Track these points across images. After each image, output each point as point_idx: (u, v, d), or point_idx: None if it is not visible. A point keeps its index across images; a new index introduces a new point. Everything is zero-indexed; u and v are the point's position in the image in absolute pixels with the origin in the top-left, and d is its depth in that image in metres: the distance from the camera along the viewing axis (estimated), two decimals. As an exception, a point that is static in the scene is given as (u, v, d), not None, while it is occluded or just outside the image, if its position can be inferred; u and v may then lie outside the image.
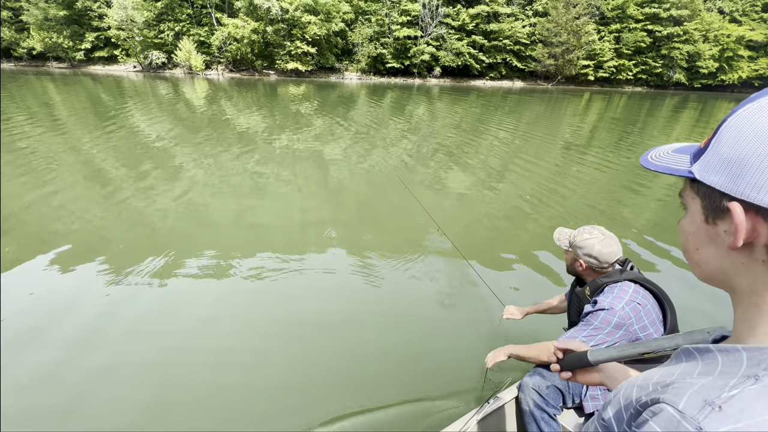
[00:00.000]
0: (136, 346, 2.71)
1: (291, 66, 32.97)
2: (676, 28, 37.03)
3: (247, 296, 3.35)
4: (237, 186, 6.08)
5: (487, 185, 6.65)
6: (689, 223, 0.49)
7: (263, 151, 8.25)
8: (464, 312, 3.21)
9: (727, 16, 41.47)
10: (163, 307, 3.18)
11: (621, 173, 7.81)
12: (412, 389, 2.42)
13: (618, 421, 0.49)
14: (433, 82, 37.46)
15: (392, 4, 35.34)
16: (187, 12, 33.53)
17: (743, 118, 0.41)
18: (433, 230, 3.80)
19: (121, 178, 6.21)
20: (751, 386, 0.36)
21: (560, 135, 12.07)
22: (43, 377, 2.42)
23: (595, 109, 20.46)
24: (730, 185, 0.41)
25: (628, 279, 1.66)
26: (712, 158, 0.43)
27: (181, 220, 4.84)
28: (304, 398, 2.36)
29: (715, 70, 39.80)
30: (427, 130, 12.00)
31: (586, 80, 39.12)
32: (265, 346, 2.77)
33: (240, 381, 2.45)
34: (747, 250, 0.42)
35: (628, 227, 5.14)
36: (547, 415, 1.81)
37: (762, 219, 0.39)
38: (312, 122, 12.21)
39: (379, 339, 2.88)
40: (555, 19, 35.49)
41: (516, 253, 4.27)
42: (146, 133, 9.64)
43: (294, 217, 5.05)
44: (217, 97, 18.34)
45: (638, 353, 0.75)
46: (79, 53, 33.25)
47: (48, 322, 2.91)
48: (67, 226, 4.52)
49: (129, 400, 2.30)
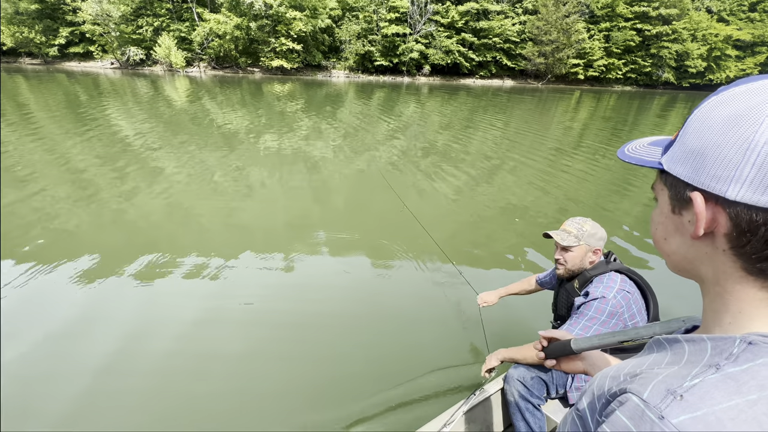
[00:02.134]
0: (116, 349, 2.74)
1: (276, 63, 32.80)
2: (665, 27, 37.89)
3: (226, 299, 3.38)
4: (220, 187, 6.10)
5: (474, 185, 6.78)
6: (658, 214, 0.51)
7: (247, 152, 8.26)
8: (446, 308, 3.33)
9: (715, 16, 42.59)
10: (145, 310, 3.20)
11: (612, 173, 8.03)
12: (395, 384, 2.51)
13: (591, 411, 0.50)
14: (422, 80, 37.70)
15: (380, 0, 35.45)
16: (167, 6, 33.12)
17: (706, 111, 0.42)
18: (419, 230, 3.92)
19: (100, 180, 6.17)
20: (711, 375, 0.38)
21: (550, 134, 12.32)
22: (36, 379, 2.44)
23: (586, 109, 20.90)
24: (692, 175, 0.43)
25: (614, 270, 1.77)
26: (679, 150, 0.45)
27: (162, 221, 4.85)
28: (288, 394, 2.42)
29: (703, 70, 40.91)
30: (416, 129, 12.13)
31: (576, 79, 39.78)
32: (246, 349, 2.82)
33: (219, 388, 2.50)
34: (709, 240, 0.43)
35: (618, 225, 5.32)
36: (531, 406, 1.90)
37: (722, 209, 0.40)
38: (298, 122, 12.23)
39: (359, 336, 2.97)
40: (545, 17, 36.03)
41: (501, 253, 4.42)
42: (125, 133, 9.54)
43: (278, 217, 5.10)
44: (199, 95, 18.19)
45: (618, 341, 0.80)
46: (52, 49, 32.54)
47: (26, 325, 2.92)
48: (45, 226, 4.49)
49: (116, 404, 2.33)
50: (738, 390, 0.36)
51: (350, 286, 3.66)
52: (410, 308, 3.34)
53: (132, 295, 3.37)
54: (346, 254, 4.21)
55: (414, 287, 3.65)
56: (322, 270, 3.92)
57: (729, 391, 0.36)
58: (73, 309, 3.14)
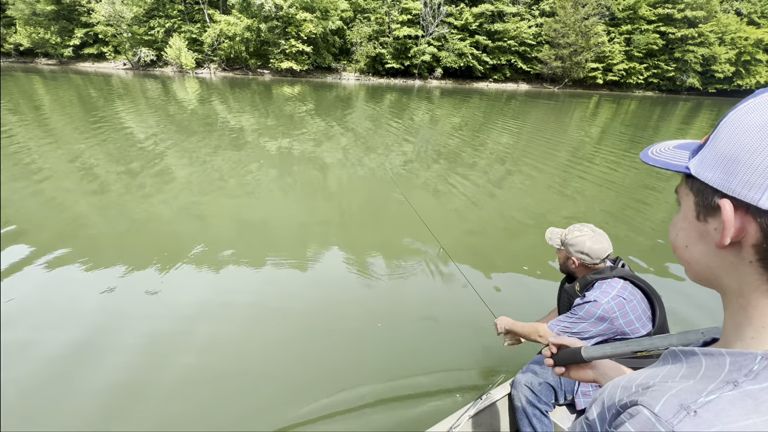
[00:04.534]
0: (120, 347, 2.84)
1: (285, 65, 33.30)
2: (690, 30, 37.23)
3: (233, 296, 3.50)
4: (231, 188, 6.25)
5: (487, 192, 6.81)
6: (681, 219, 0.50)
7: (257, 154, 8.42)
8: (454, 313, 3.39)
9: (745, 18, 41.64)
10: (150, 304, 3.32)
11: (632, 181, 7.99)
12: (402, 386, 2.57)
13: (601, 422, 0.50)
14: (434, 83, 37.88)
15: (392, 2, 35.77)
16: (179, 8, 33.99)
17: (742, 114, 0.42)
18: (427, 236, 3.99)
19: (114, 180, 6.36)
20: (728, 392, 0.37)
21: (566, 141, 12.28)
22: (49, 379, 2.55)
23: (604, 115, 20.77)
24: (722, 182, 0.42)
25: (618, 276, 1.81)
26: (709, 154, 0.44)
27: (174, 220, 5.01)
28: (298, 394, 2.49)
29: (731, 75, 40.14)
30: (426, 134, 12.21)
31: (594, 84, 39.52)
32: (254, 350, 2.91)
33: (224, 386, 2.58)
34: (735, 249, 0.42)
35: (638, 232, 5.31)
36: (539, 412, 1.93)
37: (752, 218, 0.40)
38: (307, 125, 12.42)
39: (369, 337, 3.05)
40: (563, 19, 35.85)
41: (510, 262, 4.45)
42: (135, 134, 9.81)
43: (289, 219, 5.22)
44: (207, 97, 18.57)
45: (631, 351, 0.79)
46: (67, 50, 33.56)
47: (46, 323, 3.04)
48: (61, 225, 4.66)
49: (123, 401, 2.43)
50: (756, 409, 0.35)
51: (358, 289, 3.74)
52: (418, 313, 3.39)
53: (136, 296, 3.49)
54: (357, 258, 4.29)
55: (422, 293, 3.71)
56: (333, 272, 4.01)
57: (747, 410, 0.35)
58: (92, 306, 3.27)
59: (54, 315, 3.15)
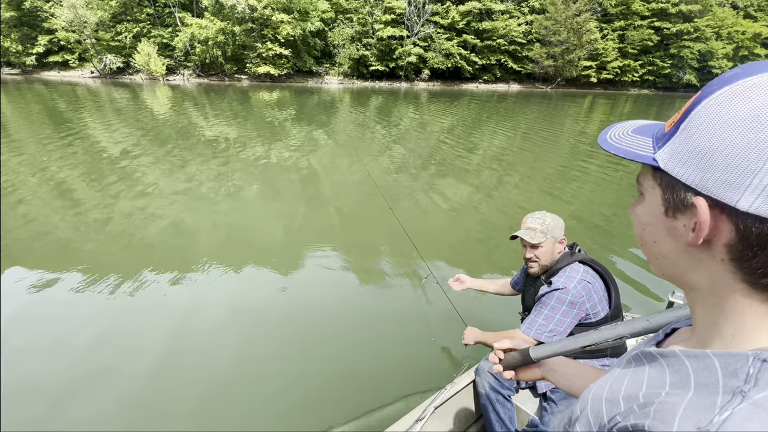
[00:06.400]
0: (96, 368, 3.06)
1: (262, 70, 33.42)
2: (686, 25, 37.98)
3: (206, 308, 3.77)
4: (210, 199, 6.52)
5: (472, 202, 7.12)
6: (646, 214, 0.50)
7: (235, 164, 8.68)
8: (421, 310, 3.71)
9: (741, 12, 42.41)
10: (133, 321, 3.56)
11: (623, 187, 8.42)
12: (368, 387, 2.86)
13: None
14: (421, 86, 38.39)
15: (375, 1, 36.32)
16: (148, 11, 34.16)
17: (717, 105, 0.40)
18: (410, 247, 4.24)
19: (87, 194, 6.55)
20: (739, 405, 0.37)
21: (561, 143, 12.74)
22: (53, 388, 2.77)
23: (598, 115, 21.42)
24: (697, 180, 0.41)
25: (578, 260, 2.07)
26: (680, 147, 0.43)
27: (152, 233, 5.25)
28: (268, 404, 2.74)
29: (729, 70, 40.96)
30: (413, 139, 12.58)
31: (588, 82, 40.20)
32: (230, 360, 3.16)
33: (206, 391, 2.83)
34: (705, 247, 0.43)
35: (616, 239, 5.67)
36: (502, 397, 2.18)
37: (726, 218, 0.40)
38: (287, 132, 12.73)
39: (341, 345, 3.35)
40: (553, 16, 36.53)
41: (493, 273, 4.75)
42: (102, 146, 10.00)
43: (269, 230, 5.52)
44: (176, 106, 18.75)
45: (580, 346, 0.83)
46: (30, 58, 33.42)
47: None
48: (34, 240, 4.85)
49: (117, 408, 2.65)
50: None
51: (331, 296, 4.05)
52: (387, 314, 3.73)
53: (118, 308, 3.73)
54: (334, 266, 4.59)
55: (395, 302, 4.02)
56: (311, 280, 4.31)
57: (762, 423, 0.35)
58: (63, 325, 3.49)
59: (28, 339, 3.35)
